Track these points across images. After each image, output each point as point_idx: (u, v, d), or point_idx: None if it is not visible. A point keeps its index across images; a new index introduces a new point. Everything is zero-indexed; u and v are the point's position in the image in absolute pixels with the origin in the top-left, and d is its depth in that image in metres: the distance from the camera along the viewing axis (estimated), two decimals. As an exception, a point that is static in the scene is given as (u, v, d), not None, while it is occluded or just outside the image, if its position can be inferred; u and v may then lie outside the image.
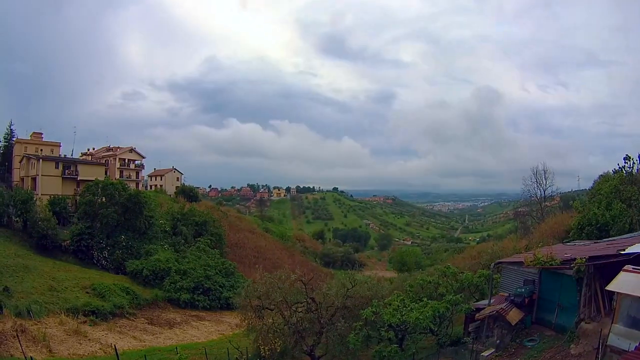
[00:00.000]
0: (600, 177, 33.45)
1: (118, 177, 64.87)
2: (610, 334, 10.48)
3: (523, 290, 14.81)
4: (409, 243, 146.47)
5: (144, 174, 79.78)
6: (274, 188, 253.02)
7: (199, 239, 46.27)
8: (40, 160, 54.59)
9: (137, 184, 68.68)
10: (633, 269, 10.68)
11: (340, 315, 19.12)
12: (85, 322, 26.27)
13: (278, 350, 18.79)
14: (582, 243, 19.31)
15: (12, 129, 68.28)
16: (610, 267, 11.98)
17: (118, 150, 74.18)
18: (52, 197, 47.49)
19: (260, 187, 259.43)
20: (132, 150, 74.09)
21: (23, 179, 57.55)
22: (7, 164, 65.89)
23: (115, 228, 41.13)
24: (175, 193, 73.15)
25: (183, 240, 46.23)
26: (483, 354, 14.06)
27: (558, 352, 12.40)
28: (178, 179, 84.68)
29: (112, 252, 40.09)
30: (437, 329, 17.14)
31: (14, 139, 65.97)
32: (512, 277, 16.37)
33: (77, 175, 56.35)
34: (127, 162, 72.41)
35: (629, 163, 24.56)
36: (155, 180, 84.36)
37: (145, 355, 20.61)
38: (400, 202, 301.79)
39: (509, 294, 15.35)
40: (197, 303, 37.10)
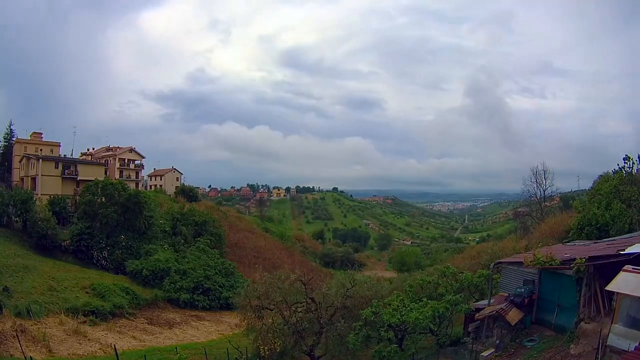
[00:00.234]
0: (600, 177, 33.44)
1: (118, 177, 64.87)
2: (610, 334, 10.48)
3: (523, 291, 14.81)
4: (409, 243, 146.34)
5: (144, 174, 79.84)
6: (274, 188, 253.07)
7: (199, 239, 46.25)
8: (40, 160, 54.55)
9: (136, 184, 68.64)
10: (633, 269, 10.68)
11: (340, 315, 19.14)
12: (85, 322, 26.26)
13: (278, 350, 18.79)
14: (581, 243, 19.31)
15: (12, 129, 68.37)
16: (610, 267, 11.97)
17: (118, 150, 74.16)
18: (51, 197, 47.48)
19: (260, 187, 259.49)
20: (131, 150, 74.07)
21: (23, 179, 57.54)
22: (7, 164, 65.89)
23: (115, 228, 41.12)
24: (175, 193, 73.17)
25: (183, 240, 46.23)
26: (483, 354, 14.07)
27: (558, 352, 12.40)
28: (178, 179, 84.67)
29: (111, 252, 40.07)
30: (436, 329, 17.15)
31: (14, 139, 65.97)
32: (511, 277, 16.37)
33: (76, 175, 56.31)
34: (126, 162, 72.39)
35: (629, 163, 24.55)
36: (155, 180, 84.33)
37: (145, 355, 20.60)
38: (400, 202, 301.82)
39: (509, 294, 15.35)
40: (196, 303, 37.10)
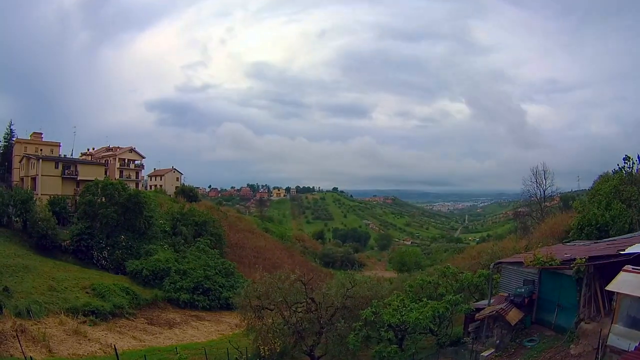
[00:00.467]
0: (600, 177, 33.42)
1: (118, 177, 64.89)
2: (610, 334, 10.48)
3: (523, 291, 14.80)
4: (409, 243, 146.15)
5: (144, 174, 79.89)
6: (274, 188, 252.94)
7: (199, 239, 46.26)
8: (40, 160, 54.59)
9: (136, 184, 68.67)
10: (633, 269, 10.67)
11: (340, 316, 19.14)
12: (85, 322, 26.26)
13: (278, 351, 18.81)
14: (581, 243, 19.29)
15: (12, 129, 68.41)
16: (610, 267, 11.97)
17: (118, 150, 74.17)
18: (51, 197, 47.50)
19: (260, 187, 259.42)
20: (131, 150, 74.09)
21: (23, 179, 57.55)
22: (7, 164, 65.96)
23: (115, 228, 41.12)
24: (175, 193, 73.18)
25: (183, 241, 46.24)
26: (483, 354, 14.06)
27: (558, 352, 12.39)
28: (178, 179, 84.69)
29: (111, 252, 40.08)
30: (437, 329, 17.14)
31: (14, 139, 65.99)
32: (511, 277, 16.36)
33: (77, 175, 56.33)
34: (126, 162, 72.42)
35: (629, 163, 24.55)
36: (155, 180, 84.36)
37: (145, 355, 20.61)
38: (400, 202, 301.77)
39: (509, 294, 15.34)
40: (196, 303, 37.11)
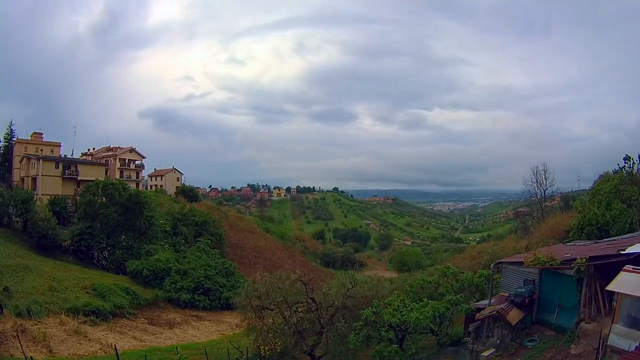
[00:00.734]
0: (600, 177, 33.40)
1: (118, 177, 64.91)
2: (611, 334, 10.46)
3: (523, 290, 14.78)
4: (409, 243, 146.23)
5: (144, 174, 79.95)
6: (274, 188, 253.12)
7: (199, 239, 46.29)
8: (41, 160, 54.63)
9: (137, 184, 68.73)
10: (633, 269, 10.66)
11: (341, 315, 19.13)
12: (86, 322, 26.28)
13: (278, 351, 18.82)
14: (582, 243, 19.28)
15: (12, 129, 68.48)
16: (611, 267, 11.96)
17: (118, 151, 74.22)
18: (52, 197, 47.57)
19: (261, 187, 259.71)
20: (132, 151, 74.15)
21: (23, 179, 57.60)
22: (7, 164, 66.00)
23: (116, 228, 41.14)
24: (176, 193, 73.20)
25: (183, 241, 46.25)
26: (483, 354, 14.06)
27: (558, 352, 12.39)
28: (178, 179, 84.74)
29: (112, 252, 40.09)
30: (437, 329, 17.14)
31: (14, 139, 66.05)
32: (512, 277, 16.35)
33: (77, 175, 56.37)
34: (127, 162, 72.48)
35: (629, 163, 24.56)
36: (156, 181, 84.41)
37: (146, 355, 20.65)
38: (401, 202, 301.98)
39: (509, 294, 15.33)
40: (197, 303, 37.13)
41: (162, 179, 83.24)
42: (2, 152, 68.47)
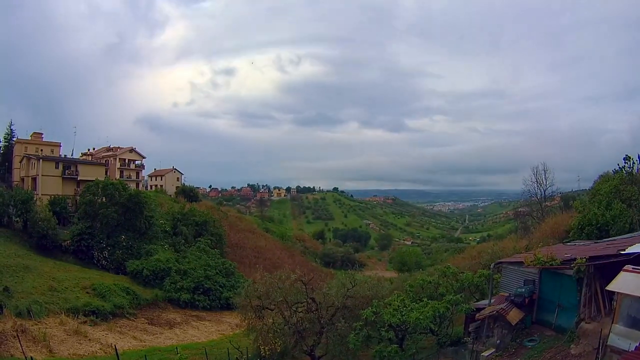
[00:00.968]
0: (600, 177, 33.41)
1: (118, 177, 64.90)
2: (611, 334, 10.46)
3: (523, 290, 14.78)
4: (409, 243, 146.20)
5: (144, 174, 79.89)
6: (274, 188, 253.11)
7: (199, 239, 46.29)
8: (41, 160, 54.61)
9: (137, 184, 68.72)
10: (633, 269, 10.66)
11: (341, 315, 19.13)
12: (86, 322, 26.28)
13: (278, 350, 18.81)
14: (582, 243, 19.28)
15: (12, 129, 68.45)
16: (611, 267, 11.96)
17: (118, 151, 74.21)
18: (52, 197, 47.56)
19: (261, 187, 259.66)
20: (132, 151, 74.12)
21: (23, 179, 57.59)
22: (7, 164, 65.97)
23: (116, 228, 41.14)
24: (176, 193, 73.21)
25: (183, 241, 46.25)
26: (483, 354, 14.06)
27: (558, 352, 12.39)
28: (178, 179, 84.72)
29: (112, 252, 40.08)
30: (437, 329, 17.14)
31: (14, 139, 66.03)
32: (512, 277, 16.35)
33: (77, 175, 56.35)
34: (127, 162, 72.46)
35: (629, 163, 24.57)
36: (156, 181, 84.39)
37: (146, 355, 20.65)
38: (401, 202, 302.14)
39: (509, 294, 15.33)
40: (197, 303, 37.12)
41: (162, 179, 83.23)
42: (2, 152, 68.44)
